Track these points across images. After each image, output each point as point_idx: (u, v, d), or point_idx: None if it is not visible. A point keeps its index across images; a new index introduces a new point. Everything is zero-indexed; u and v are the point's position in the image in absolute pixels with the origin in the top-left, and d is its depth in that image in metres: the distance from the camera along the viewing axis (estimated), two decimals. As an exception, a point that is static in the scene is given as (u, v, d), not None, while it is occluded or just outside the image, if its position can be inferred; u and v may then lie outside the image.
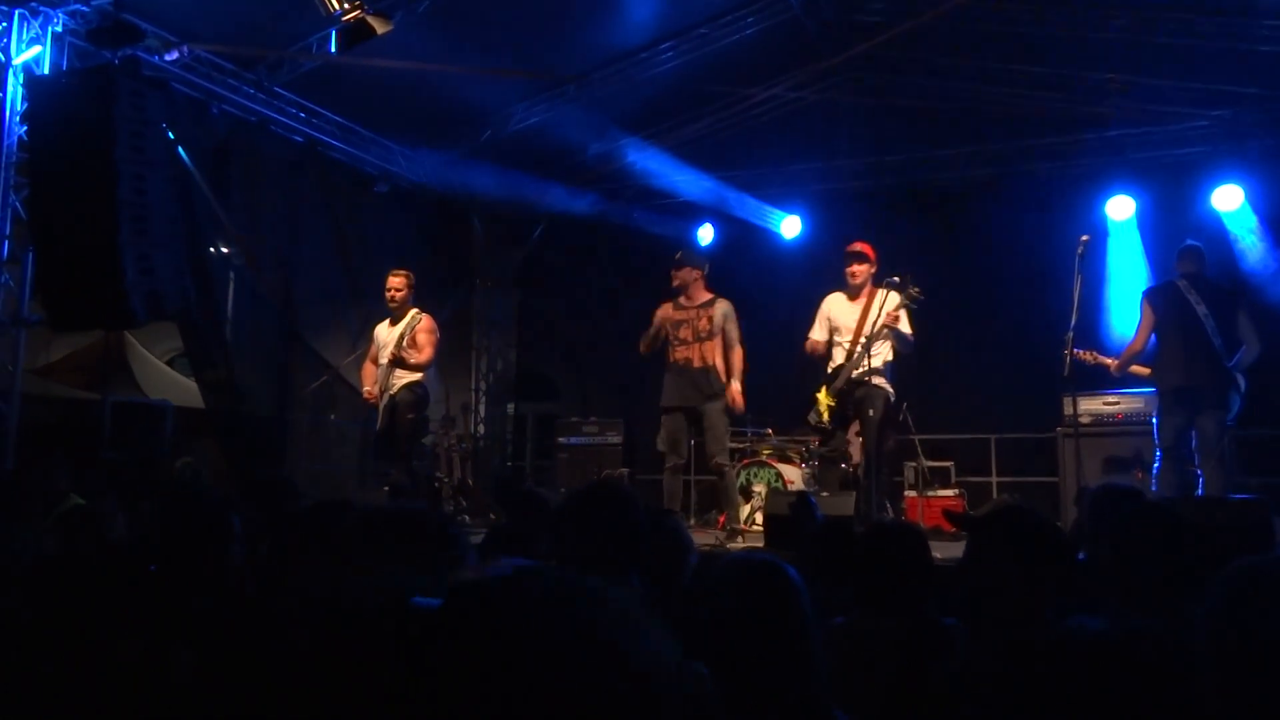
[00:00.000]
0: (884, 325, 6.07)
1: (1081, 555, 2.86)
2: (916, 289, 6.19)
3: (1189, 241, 6.31)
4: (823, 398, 6.38)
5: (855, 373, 6.16)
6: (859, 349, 6.19)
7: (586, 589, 0.82)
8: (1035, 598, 2.03)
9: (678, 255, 6.80)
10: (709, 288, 6.73)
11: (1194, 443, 5.84)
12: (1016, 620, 2.25)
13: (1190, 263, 6.08)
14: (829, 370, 6.41)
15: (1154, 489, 5.85)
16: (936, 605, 2.58)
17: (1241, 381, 5.89)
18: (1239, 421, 6.12)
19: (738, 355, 6.54)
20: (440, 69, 7.91)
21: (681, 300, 6.65)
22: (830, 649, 2.19)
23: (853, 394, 6.19)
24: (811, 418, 6.50)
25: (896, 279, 6.22)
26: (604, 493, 2.39)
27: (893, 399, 6.35)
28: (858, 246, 6.43)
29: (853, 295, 6.40)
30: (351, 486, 8.51)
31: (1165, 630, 1.66)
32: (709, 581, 1.93)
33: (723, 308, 6.59)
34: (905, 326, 6.23)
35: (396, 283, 6.89)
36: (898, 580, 2.31)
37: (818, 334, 6.53)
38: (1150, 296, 6.19)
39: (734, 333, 6.56)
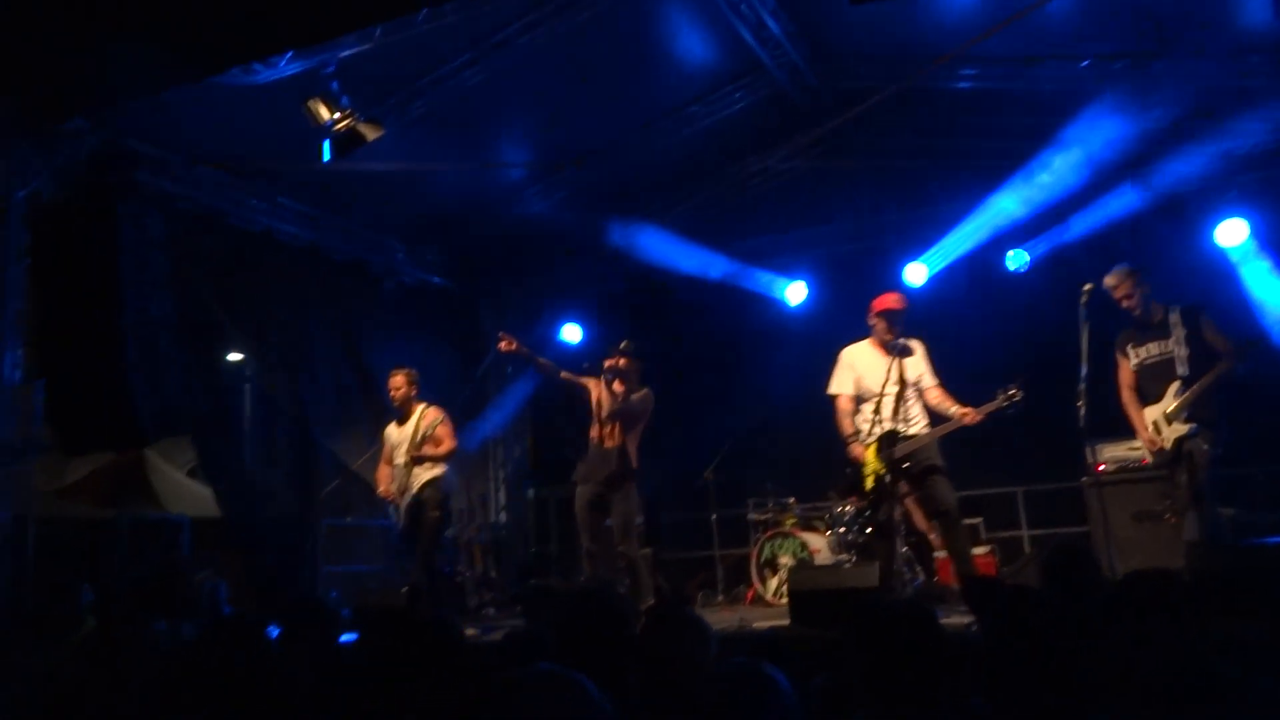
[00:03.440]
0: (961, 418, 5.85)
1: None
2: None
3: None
4: (872, 462, 5.97)
5: (908, 440, 5.89)
6: (894, 406, 5.93)
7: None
8: (1049, 676, 1.94)
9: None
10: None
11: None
12: (1035, 699, 2.17)
13: None
14: (868, 431, 6.01)
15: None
16: (960, 684, 2.48)
17: None
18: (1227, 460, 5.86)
19: None
20: (435, 168, 8.05)
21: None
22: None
23: (906, 460, 5.87)
24: (850, 475, 6.21)
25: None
26: (592, 605, 2.35)
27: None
28: (892, 298, 6.21)
29: (888, 349, 6.09)
30: (374, 588, 8.42)
31: None
32: (707, 684, 1.86)
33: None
34: (930, 376, 6.13)
35: (397, 381, 6.92)
36: (907, 669, 2.20)
37: (847, 389, 6.22)
38: None
39: None
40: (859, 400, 6.14)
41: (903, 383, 6.04)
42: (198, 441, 7.61)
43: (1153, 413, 5.52)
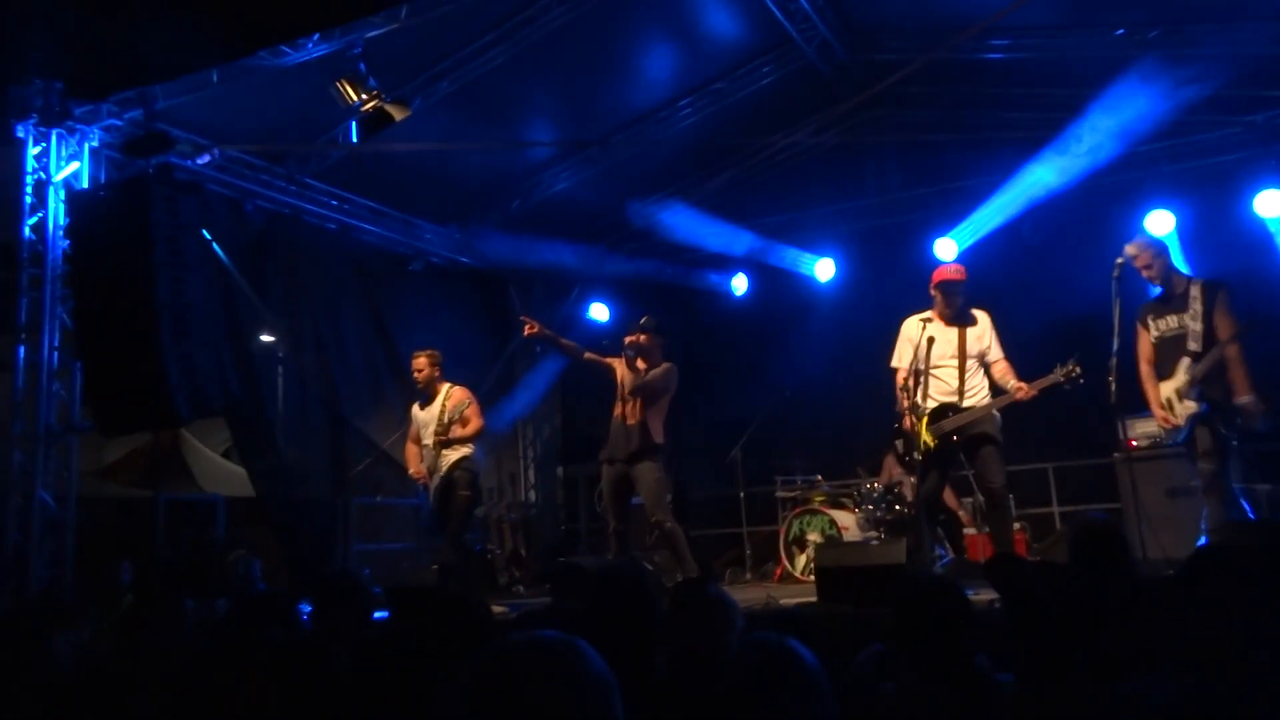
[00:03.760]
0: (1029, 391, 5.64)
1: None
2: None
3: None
4: (923, 435, 5.76)
5: (961, 413, 5.73)
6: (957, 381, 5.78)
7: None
8: (1070, 651, 1.94)
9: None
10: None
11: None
12: (1057, 674, 2.17)
13: None
14: (919, 402, 5.78)
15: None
16: (987, 657, 2.49)
17: None
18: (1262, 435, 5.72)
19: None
20: (461, 147, 8.06)
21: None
22: None
23: (960, 433, 5.72)
24: (900, 446, 6.01)
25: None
26: (619, 584, 2.37)
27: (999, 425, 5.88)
28: (950, 270, 6.06)
29: (949, 321, 5.94)
30: (405, 566, 8.54)
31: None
32: (732, 660, 1.87)
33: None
34: (997, 350, 5.96)
35: (419, 363, 6.97)
36: (938, 643, 2.22)
37: (907, 362, 5.97)
38: None
39: None
40: (918, 373, 5.94)
41: (963, 355, 5.89)
42: (232, 422, 7.71)
43: (1167, 389, 5.39)
